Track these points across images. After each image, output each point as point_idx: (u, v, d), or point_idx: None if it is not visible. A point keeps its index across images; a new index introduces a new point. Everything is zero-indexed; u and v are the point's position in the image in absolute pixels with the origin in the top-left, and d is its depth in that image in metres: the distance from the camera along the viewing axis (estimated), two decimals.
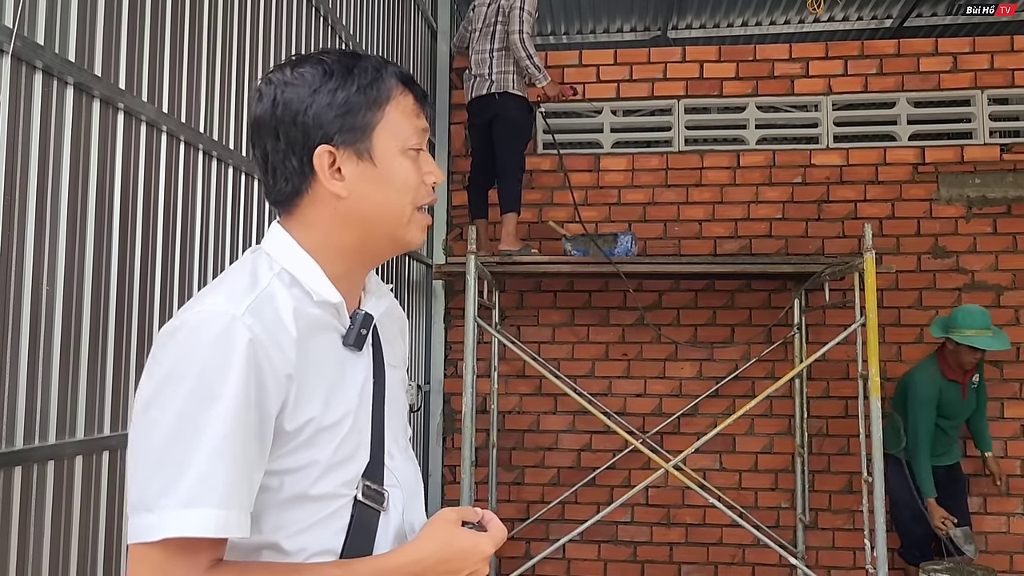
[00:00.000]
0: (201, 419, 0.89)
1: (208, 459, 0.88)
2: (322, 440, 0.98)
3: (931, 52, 4.94)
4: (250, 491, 0.93)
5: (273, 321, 0.96)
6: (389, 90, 1.05)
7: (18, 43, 1.64)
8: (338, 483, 1.00)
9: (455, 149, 5.21)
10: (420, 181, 1.07)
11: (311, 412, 0.97)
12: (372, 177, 1.03)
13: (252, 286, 0.98)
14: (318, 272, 1.03)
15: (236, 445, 0.90)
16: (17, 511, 1.68)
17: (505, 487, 4.89)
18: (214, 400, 0.89)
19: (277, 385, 0.94)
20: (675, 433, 4.84)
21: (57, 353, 1.81)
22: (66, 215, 1.84)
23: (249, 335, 0.92)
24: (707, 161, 5.01)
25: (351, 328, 1.05)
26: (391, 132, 1.04)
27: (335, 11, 3.46)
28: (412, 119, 1.07)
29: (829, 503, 4.76)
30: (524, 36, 4.25)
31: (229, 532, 0.89)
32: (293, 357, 0.96)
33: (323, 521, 0.99)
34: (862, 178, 4.91)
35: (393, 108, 1.05)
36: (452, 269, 4.41)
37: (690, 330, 4.92)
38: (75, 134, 1.87)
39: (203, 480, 0.88)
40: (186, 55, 2.33)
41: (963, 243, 4.81)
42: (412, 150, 1.06)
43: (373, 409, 1.06)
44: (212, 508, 0.88)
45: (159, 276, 2.21)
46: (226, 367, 0.90)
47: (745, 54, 5.07)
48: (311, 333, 1.00)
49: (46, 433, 1.77)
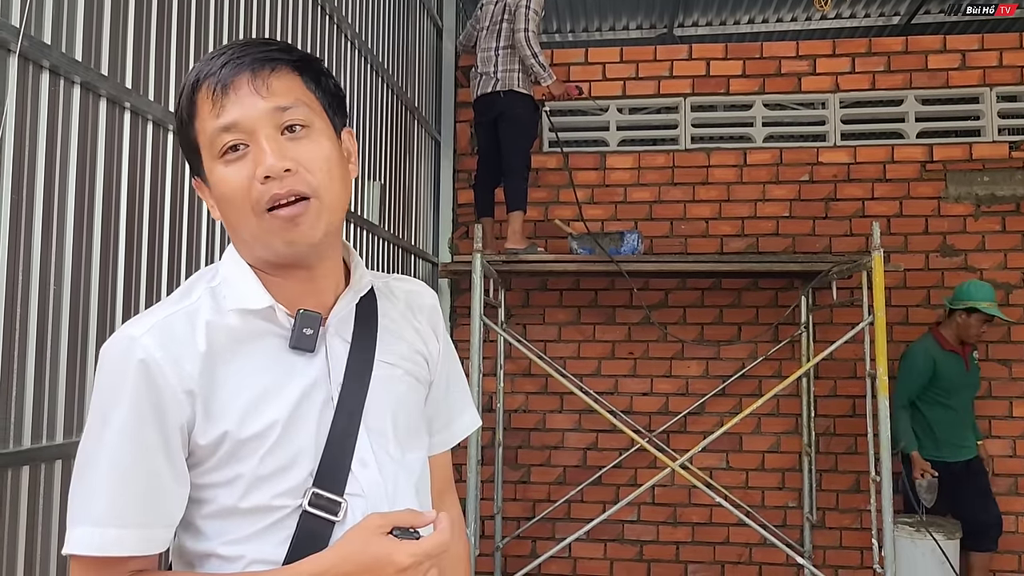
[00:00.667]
0: (94, 442, 0.93)
1: (93, 480, 0.92)
2: (244, 453, 0.95)
3: (939, 49, 4.92)
4: (151, 507, 0.93)
5: (181, 337, 0.95)
6: (190, 105, 0.97)
7: (25, 42, 1.64)
8: (271, 495, 0.95)
9: (460, 147, 5.21)
10: (245, 185, 0.94)
11: (225, 426, 0.94)
12: (216, 198, 0.99)
13: (179, 300, 0.99)
14: (249, 279, 1.00)
15: (125, 466, 0.91)
16: (25, 510, 1.68)
17: (511, 486, 4.89)
18: (106, 424, 0.92)
19: (176, 402, 0.93)
20: (681, 432, 4.83)
21: (64, 352, 1.81)
22: (73, 213, 1.84)
23: (141, 355, 0.92)
24: (714, 159, 5.00)
25: (293, 329, 0.98)
26: (204, 146, 0.96)
27: (340, 10, 3.45)
28: (209, 122, 0.94)
29: (836, 502, 4.74)
30: (529, 35, 4.24)
31: (107, 550, 0.90)
32: (196, 373, 0.94)
33: (264, 532, 0.96)
34: (870, 176, 4.89)
35: (199, 120, 0.96)
36: (458, 268, 4.40)
37: (696, 329, 4.91)
38: (82, 133, 1.87)
39: (86, 501, 0.92)
40: (192, 54, 2.32)
41: (972, 241, 4.78)
42: (223, 155, 0.95)
43: (338, 409, 0.99)
44: (88, 527, 0.90)
45: (165, 274, 2.21)
46: (118, 390, 0.92)
47: (752, 52, 5.05)
48: (232, 344, 0.97)
49: (53, 433, 1.77)
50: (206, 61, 0.96)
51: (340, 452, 0.98)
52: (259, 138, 0.94)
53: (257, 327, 0.99)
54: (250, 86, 0.94)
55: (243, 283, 1.00)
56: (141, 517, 0.92)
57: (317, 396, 0.99)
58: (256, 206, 0.94)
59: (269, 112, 0.94)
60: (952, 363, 4.25)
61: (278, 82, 0.96)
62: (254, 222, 0.95)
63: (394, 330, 1.10)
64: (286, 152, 0.94)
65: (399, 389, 1.07)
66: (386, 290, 1.13)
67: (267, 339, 0.99)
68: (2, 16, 1.62)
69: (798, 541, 4.68)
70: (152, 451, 0.92)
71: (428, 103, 4.99)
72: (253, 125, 0.94)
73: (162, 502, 0.94)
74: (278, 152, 0.93)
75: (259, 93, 0.94)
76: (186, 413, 0.94)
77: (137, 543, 0.91)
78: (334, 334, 1.03)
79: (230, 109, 0.93)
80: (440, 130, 5.16)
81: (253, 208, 0.94)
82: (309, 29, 3.15)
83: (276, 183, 0.93)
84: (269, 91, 0.94)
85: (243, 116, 0.93)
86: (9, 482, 1.61)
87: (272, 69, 0.95)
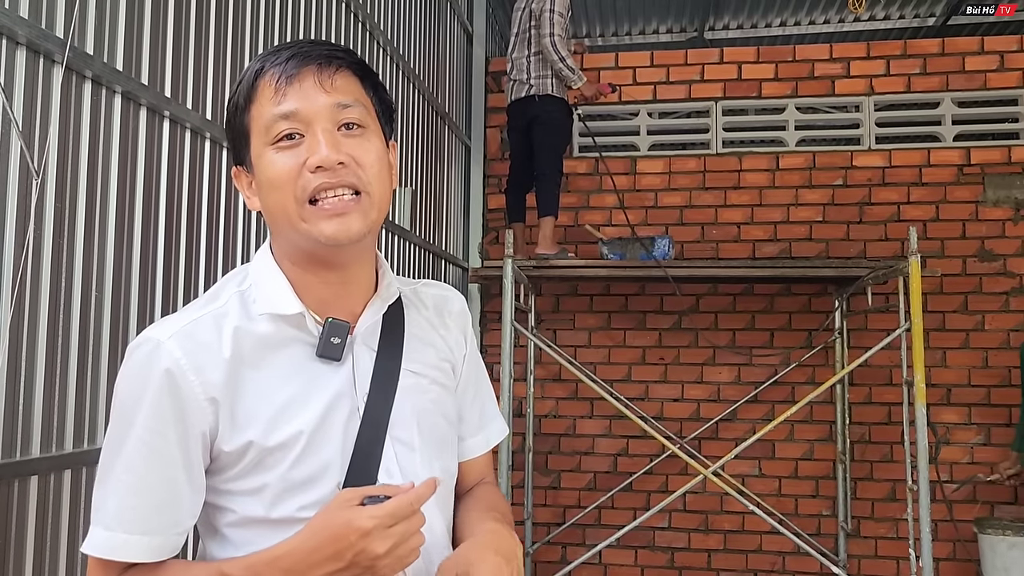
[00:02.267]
0: (115, 444, 0.94)
1: (110, 483, 0.93)
2: (270, 462, 0.95)
3: (977, 51, 4.83)
4: (163, 515, 0.93)
5: (206, 343, 0.95)
6: (249, 90, 0.98)
7: (70, 54, 1.67)
8: (296, 507, 0.95)
9: (491, 152, 5.22)
10: (295, 171, 0.94)
11: (251, 434, 0.94)
12: (259, 184, 0.99)
13: (206, 304, 0.99)
14: (280, 284, 1.00)
15: (141, 473, 0.92)
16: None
17: (541, 491, 4.88)
18: (126, 427, 0.93)
19: (199, 409, 0.93)
20: (713, 438, 4.78)
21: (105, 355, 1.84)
22: (114, 219, 1.87)
23: (166, 362, 0.93)
24: (745, 163, 4.96)
25: (320, 338, 0.98)
26: (257, 132, 0.97)
27: (372, 17, 3.48)
28: (268, 108, 0.95)
29: (872, 511, 4.67)
30: (556, 39, 4.20)
31: (116, 554, 0.92)
32: (220, 380, 0.94)
33: None
34: (905, 180, 4.81)
35: (257, 106, 0.97)
36: (488, 273, 4.40)
37: (728, 334, 4.87)
38: (123, 141, 1.91)
39: (102, 503, 0.93)
40: (228, 63, 2.35)
41: (1011, 246, 4.69)
42: (277, 142, 0.95)
43: (364, 421, 0.98)
44: (101, 529, 0.93)
45: (202, 278, 2.23)
46: (140, 395, 0.93)
47: (784, 54, 5.01)
48: (259, 350, 0.97)
49: (95, 436, 1.80)
50: (271, 52, 0.98)
51: (366, 464, 0.98)
52: (316, 130, 0.95)
53: (286, 333, 0.99)
54: (315, 79, 0.95)
55: (274, 287, 1.00)
56: (151, 525, 0.93)
57: (343, 407, 0.99)
58: (300, 194, 0.94)
59: (330, 107, 0.95)
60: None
61: (341, 80, 0.97)
62: (294, 209, 0.95)
63: (422, 337, 1.09)
64: (340, 146, 0.95)
65: (425, 398, 1.06)
66: (414, 297, 1.12)
67: (294, 346, 0.99)
68: (48, 28, 1.66)
69: (832, 550, 4.62)
70: (169, 459, 0.93)
71: (459, 108, 5.00)
72: (312, 117, 0.95)
73: (175, 511, 0.94)
74: (333, 145, 0.95)
75: (323, 87, 0.95)
76: (209, 421, 0.94)
77: (142, 551, 0.93)
78: (361, 343, 1.03)
79: (292, 98, 0.95)
80: (471, 135, 5.18)
81: (296, 196, 0.94)
82: (343, 36, 3.18)
83: (327, 174, 0.94)
84: (332, 87, 0.96)
85: (304, 107, 0.95)
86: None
87: (337, 68, 0.97)
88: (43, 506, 1.65)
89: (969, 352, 4.62)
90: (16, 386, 1.60)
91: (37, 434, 1.64)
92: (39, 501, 1.64)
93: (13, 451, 1.58)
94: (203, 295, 1.03)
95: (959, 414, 4.60)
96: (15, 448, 1.59)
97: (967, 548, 4.40)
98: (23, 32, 1.57)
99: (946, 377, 4.61)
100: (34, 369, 1.64)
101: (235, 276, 1.05)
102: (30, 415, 1.63)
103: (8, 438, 1.57)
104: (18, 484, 1.59)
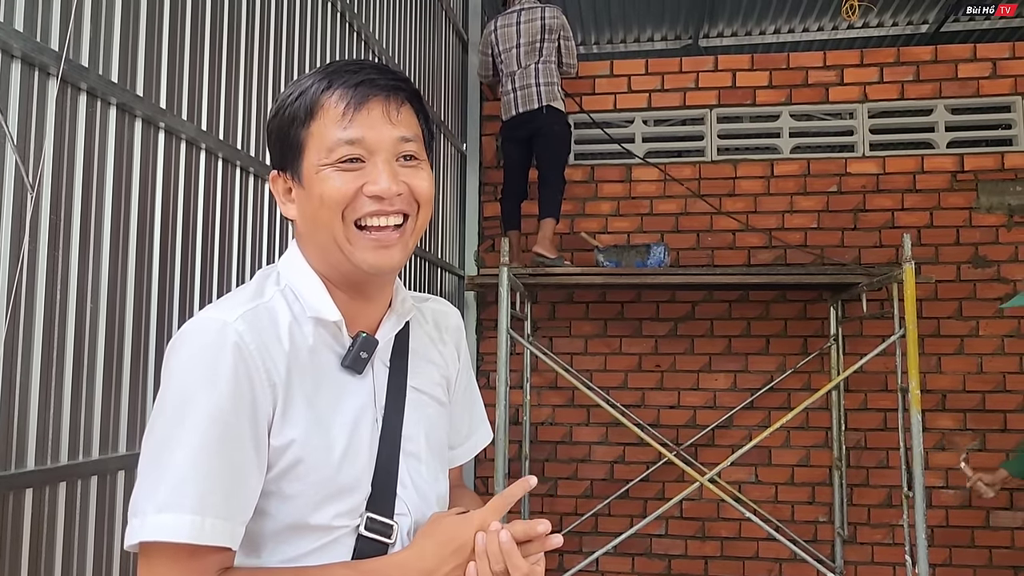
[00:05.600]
0: (182, 425, 0.89)
1: (184, 465, 0.88)
2: (309, 465, 0.95)
3: (969, 58, 4.86)
4: (236, 498, 0.90)
5: (268, 331, 0.96)
6: (311, 106, 1.00)
7: (65, 66, 1.68)
8: (333, 514, 0.96)
9: (486, 160, 5.23)
10: (350, 194, 0.97)
11: (293, 434, 0.95)
12: (304, 198, 1.01)
13: (254, 297, 1.00)
14: (318, 288, 1.02)
15: (215, 451, 0.89)
16: (62, 527, 1.69)
17: (538, 499, 4.88)
18: (191, 405, 0.89)
19: (264, 393, 0.93)
20: (709, 445, 4.79)
21: (100, 369, 1.84)
22: (109, 232, 1.87)
23: (236, 338, 0.92)
24: (740, 170, 4.97)
25: (350, 350, 1.01)
26: (316, 148, 0.99)
27: (368, 26, 3.49)
28: (333, 130, 0.98)
29: (868, 517, 4.68)
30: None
31: (204, 539, 0.87)
32: (283, 370, 0.95)
33: (319, 552, 0.96)
34: (899, 186, 4.83)
35: (319, 123, 0.99)
36: (484, 281, 4.41)
37: (724, 341, 4.88)
38: (118, 153, 1.90)
39: (177, 486, 0.87)
40: (224, 74, 2.36)
41: (1004, 252, 4.71)
42: (338, 163, 0.98)
43: (383, 436, 1.02)
44: (186, 514, 0.87)
45: (198, 290, 2.23)
46: (209, 371, 0.91)
47: (778, 62, 5.03)
48: (306, 352, 0.98)
49: (90, 449, 1.80)
50: (335, 72, 1.01)
51: (387, 475, 1.01)
52: (377, 160, 0.99)
53: (323, 339, 1.01)
54: (383, 110, 0.99)
55: (313, 293, 1.01)
56: (230, 509, 0.90)
57: (367, 418, 1.02)
58: (351, 215, 0.98)
59: (394, 140, 0.99)
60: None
61: (405, 114, 1.02)
62: (340, 229, 0.98)
63: (423, 354, 1.12)
64: (398, 178, 1.00)
65: (428, 414, 1.10)
66: (416, 312, 1.15)
67: (326, 353, 1.01)
68: (43, 41, 1.66)
69: (829, 556, 4.62)
70: (241, 438, 0.91)
71: (454, 116, 5.01)
72: (377, 146, 0.99)
73: (245, 496, 0.92)
74: (393, 176, 0.99)
75: (390, 119, 1.00)
76: (271, 405, 0.94)
77: (226, 535, 0.89)
78: (377, 358, 1.06)
79: (359, 125, 0.98)
80: (466, 143, 5.19)
81: (346, 216, 0.98)
82: (338, 45, 3.19)
83: (382, 203, 0.98)
84: (398, 120, 1.00)
85: (371, 136, 0.99)
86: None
87: (402, 101, 1.01)
88: (38, 519, 1.65)
89: (964, 358, 4.63)
90: (11, 398, 1.59)
91: (32, 446, 1.64)
92: (34, 514, 1.63)
93: (8, 463, 1.58)
94: (243, 289, 1.02)
95: (954, 420, 4.61)
96: (10, 460, 1.58)
97: (963, 554, 4.40)
98: (18, 45, 1.58)
99: (941, 383, 4.63)
100: (29, 381, 1.64)
101: (268, 276, 1.05)
102: (25, 427, 1.63)
103: (3, 450, 1.57)
104: (13, 497, 1.58)
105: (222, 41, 2.35)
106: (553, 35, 4.47)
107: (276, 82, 2.68)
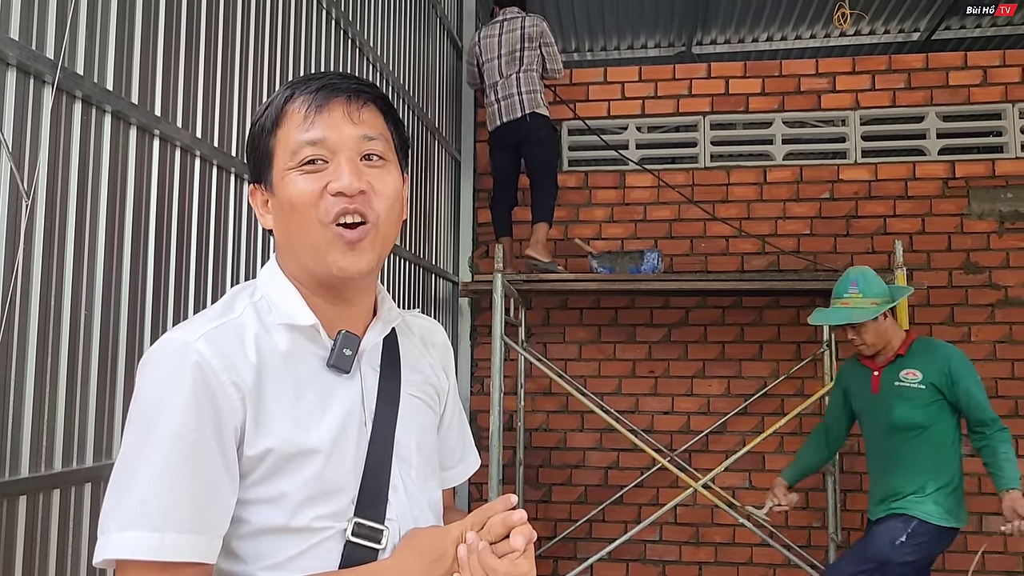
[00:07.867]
0: (145, 444, 0.91)
1: (147, 482, 0.89)
2: (289, 469, 0.96)
3: (960, 66, 4.90)
4: (207, 512, 0.91)
5: (232, 347, 0.96)
6: (277, 113, 1.02)
7: (60, 75, 1.68)
8: (314, 516, 0.97)
9: (480, 167, 5.24)
10: (316, 194, 0.98)
11: (270, 442, 0.95)
12: (276, 206, 1.02)
13: (221, 315, 1.00)
14: (292, 295, 1.03)
15: (179, 467, 0.90)
16: (55, 533, 1.69)
17: (532, 505, 4.88)
18: (156, 424, 0.91)
19: (231, 407, 0.93)
20: (703, 451, 4.80)
21: (95, 376, 1.84)
22: (104, 239, 1.88)
23: (196, 357, 0.93)
24: (733, 177, 5.00)
25: (333, 348, 1.02)
26: (281, 154, 1.00)
27: (362, 33, 3.50)
28: (296, 134, 0.99)
29: (861, 522, 4.67)
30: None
31: (166, 555, 0.88)
32: (248, 381, 0.95)
33: (303, 555, 0.96)
34: (891, 193, 4.86)
35: (284, 129, 1.01)
36: (478, 287, 4.42)
37: (718, 347, 4.89)
38: (112, 160, 1.91)
39: (140, 504, 0.89)
40: (219, 82, 2.37)
41: (996, 258, 4.74)
42: (301, 166, 0.99)
43: (373, 440, 1.02)
44: (148, 531, 0.88)
45: (192, 297, 2.24)
46: (172, 391, 0.92)
47: (771, 69, 5.06)
48: (279, 361, 0.99)
49: (84, 455, 1.80)
50: (300, 81, 1.03)
51: (377, 480, 1.01)
52: (340, 159, 0.99)
53: (300, 344, 1.01)
54: (344, 110, 1.00)
55: (287, 300, 1.02)
56: (198, 524, 0.90)
57: (354, 420, 1.02)
58: (324, 216, 0.98)
59: (356, 138, 1.00)
60: (858, 379, 3.29)
61: (368, 114, 1.02)
62: (316, 230, 0.98)
63: (411, 361, 1.13)
64: (362, 175, 1.00)
65: (419, 419, 1.11)
66: (402, 324, 1.17)
67: (308, 358, 1.02)
68: (38, 49, 1.66)
69: (823, 562, 4.63)
70: (209, 456, 0.91)
71: (448, 123, 5.03)
72: (338, 146, 1.00)
73: (216, 509, 0.92)
74: (355, 173, 0.99)
75: (350, 118, 1.00)
76: (239, 417, 0.94)
77: (200, 551, 0.90)
78: (365, 362, 1.07)
79: (320, 126, 0.99)
80: (460, 149, 5.20)
81: (319, 218, 0.98)
82: (332, 51, 3.20)
83: (346, 200, 0.98)
84: (360, 119, 1.01)
85: (331, 135, 0.99)
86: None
87: (364, 102, 1.02)
88: (31, 526, 1.65)
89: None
90: (5, 406, 1.59)
91: (26, 454, 1.64)
92: (28, 521, 1.64)
93: (2, 470, 1.58)
94: (214, 307, 1.04)
95: None
96: (4, 467, 1.58)
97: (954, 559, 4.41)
98: (13, 53, 1.58)
99: None
100: (23, 389, 1.64)
101: (244, 289, 1.06)
102: (19, 435, 1.63)
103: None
104: (7, 504, 1.58)
105: (217, 49, 2.36)
106: (534, 43, 4.47)
107: (271, 90, 2.69)
